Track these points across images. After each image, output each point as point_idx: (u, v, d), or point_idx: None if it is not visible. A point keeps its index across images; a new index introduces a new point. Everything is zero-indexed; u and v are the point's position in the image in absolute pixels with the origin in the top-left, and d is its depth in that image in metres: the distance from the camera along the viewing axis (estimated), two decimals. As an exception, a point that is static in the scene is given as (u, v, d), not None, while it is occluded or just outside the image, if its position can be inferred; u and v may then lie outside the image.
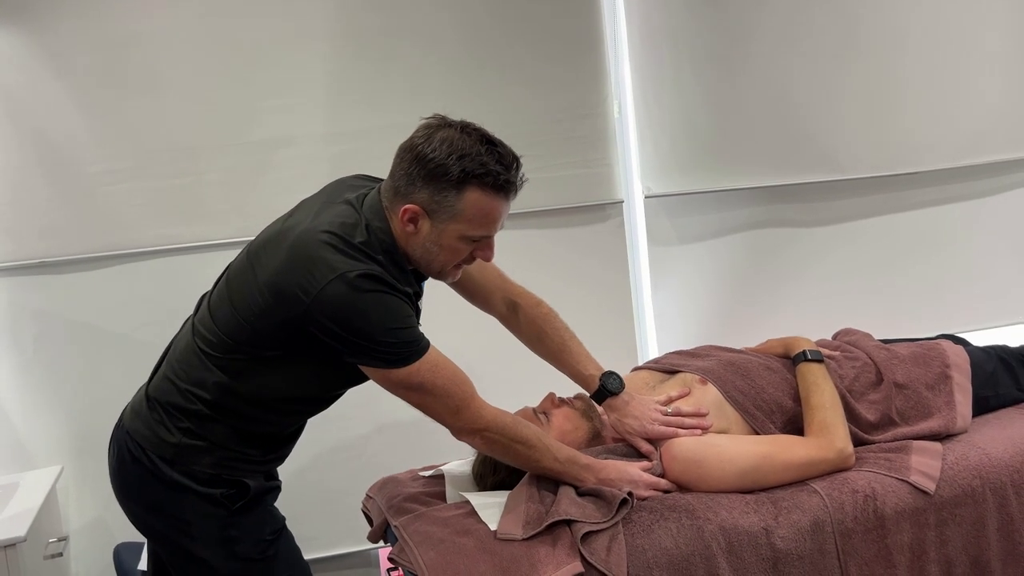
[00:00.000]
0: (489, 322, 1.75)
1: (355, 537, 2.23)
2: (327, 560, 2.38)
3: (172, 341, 1.57)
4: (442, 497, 1.69)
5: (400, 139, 1.46)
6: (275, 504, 1.59)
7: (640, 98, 2.54)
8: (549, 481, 1.55)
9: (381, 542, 1.77)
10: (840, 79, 2.60)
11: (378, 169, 1.57)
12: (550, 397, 1.73)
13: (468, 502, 1.58)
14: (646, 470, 1.56)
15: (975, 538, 1.57)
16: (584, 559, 1.38)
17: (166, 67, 2.19)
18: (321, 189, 1.55)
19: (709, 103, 2.56)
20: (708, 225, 2.62)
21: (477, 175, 1.35)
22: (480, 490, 1.66)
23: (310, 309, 1.33)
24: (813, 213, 2.67)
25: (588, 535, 1.41)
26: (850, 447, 1.60)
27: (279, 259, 1.37)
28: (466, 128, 1.39)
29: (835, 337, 2.03)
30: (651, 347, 2.63)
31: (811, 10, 2.57)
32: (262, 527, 1.51)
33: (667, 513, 1.48)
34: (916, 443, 1.66)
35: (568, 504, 1.46)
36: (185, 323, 1.57)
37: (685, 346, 2.08)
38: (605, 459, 1.57)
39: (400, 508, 1.64)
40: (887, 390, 1.74)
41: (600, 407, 1.69)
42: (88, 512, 2.25)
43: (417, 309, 1.47)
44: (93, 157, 2.18)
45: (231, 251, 2.27)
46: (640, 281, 2.62)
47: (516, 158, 1.41)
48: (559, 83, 2.43)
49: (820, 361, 1.72)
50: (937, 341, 1.90)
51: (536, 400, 1.74)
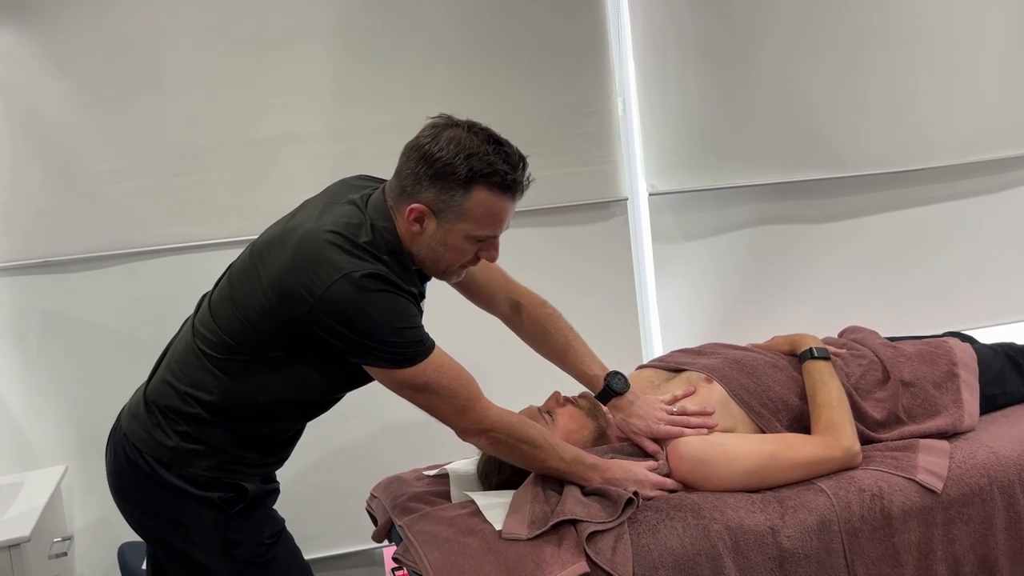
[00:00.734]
0: (491, 322, 1.75)
1: (359, 536, 2.23)
2: (331, 559, 2.38)
3: (170, 342, 1.56)
4: (447, 496, 1.68)
5: (404, 138, 1.46)
6: (275, 506, 1.58)
7: (644, 95, 2.53)
8: (554, 480, 1.54)
9: (386, 541, 1.76)
10: (845, 75, 2.59)
11: (381, 168, 1.56)
12: (555, 396, 1.72)
13: (473, 502, 1.57)
14: (652, 470, 1.56)
15: (983, 537, 1.57)
16: (590, 559, 1.38)
17: (170, 66, 2.19)
18: (324, 190, 1.54)
19: (713, 100, 2.55)
20: (713, 222, 2.61)
21: (484, 174, 1.35)
22: (485, 489, 1.65)
23: (315, 309, 1.32)
24: (818, 210, 2.66)
25: (593, 535, 1.41)
26: (857, 445, 1.60)
27: (284, 259, 1.36)
28: (473, 128, 1.39)
29: (841, 335, 2.02)
30: (656, 345, 2.63)
31: (815, 6, 2.56)
32: (261, 530, 1.50)
33: (673, 513, 1.47)
34: (923, 442, 1.65)
35: (573, 504, 1.46)
36: (184, 324, 1.56)
37: (690, 344, 2.07)
38: (611, 459, 1.57)
39: (405, 507, 1.63)
40: (894, 388, 1.73)
41: (605, 407, 1.68)
42: (92, 511, 2.25)
43: (420, 310, 1.46)
44: (97, 156, 2.18)
45: (235, 250, 2.26)
46: (645, 279, 2.61)
47: (523, 158, 1.41)
48: (563, 81, 2.43)
49: (827, 359, 1.72)
50: (944, 339, 1.89)
51: (540, 400, 1.73)
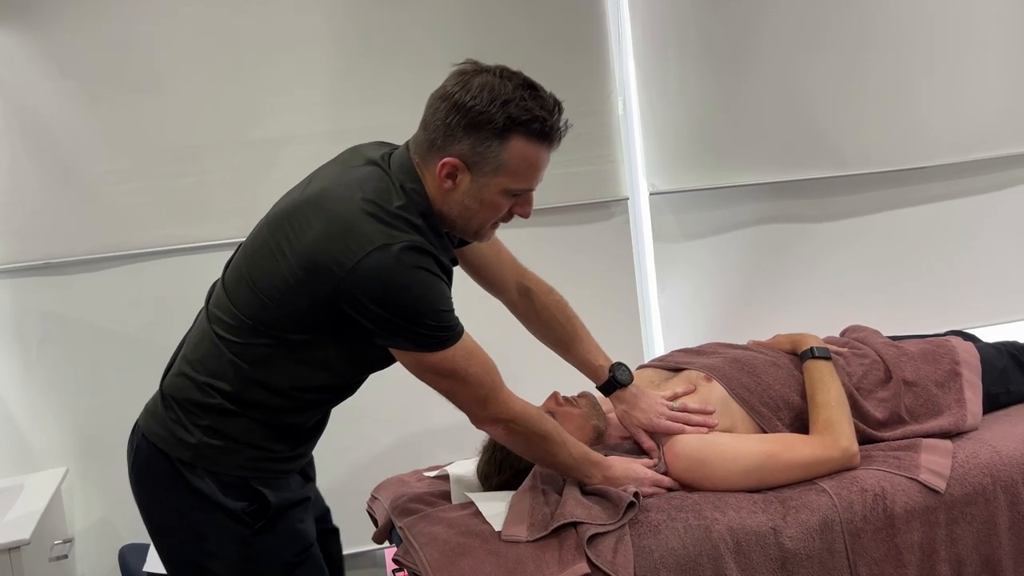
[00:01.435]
0: (491, 323, 1.73)
1: (360, 538, 2.22)
2: (333, 560, 2.37)
3: (185, 336, 1.49)
4: (447, 497, 1.68)
5: (405, 137, 1.42)
6: (307, 519, 1.46)
7: (644, 94, 2.53)
8: (553, 481, 1.54)
9: (386, 543, 1.76)
10: (845, 74, 2.59)
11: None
12: (554, 396, 1.72)
13: (473, 503, 1.57)
14: (649, 467, 1.56)
15: (986, 537, 1.56)
16: (590, 561, 1.37)
17: (169, 66, 2.19)
18: (335, 157, 1.45)
19: (714, 99, 2.54)
20: (713, 222, 2.61)
21: (522, 122, 1.26)
22: (485, 490, 1.65)
23: (344, 283, 1.23)
24: (820, 209, 2.66)
25: (594, 537, 1.40)
26: (855, 446, 1.59)
27: (313, 230, 1.27)
28: (504, 73, 1.29)
29: (843, 334, 2.01)
30: (657, 345, 2.62)
31: (816, 6, 2.55)
32: (286, 548, 1.39)
33: (674, 513, 1.46)
34: (926, 441, 1.65)
35: (574, 505, 1.45)
36: (199, 314, 1.48)
37: (691, 343, 2.07)
38: (609, 456, 1.56)
39: (405, 509, 1.63)
40: (896, 388, 1.73)
41: (608, 399, 1.67)
42: (93, 514, 2.25)
43: (451, 281, 1.37)
44: (97, 157, 2.18)
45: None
46: (646, 278, 2.61)
47: (558, 103, 1.32)
48: (563, 80, 2.38)
49: (827, 358, 1.71)
50: (947, 338, 1.89)
51: (538, 399, 1.72)
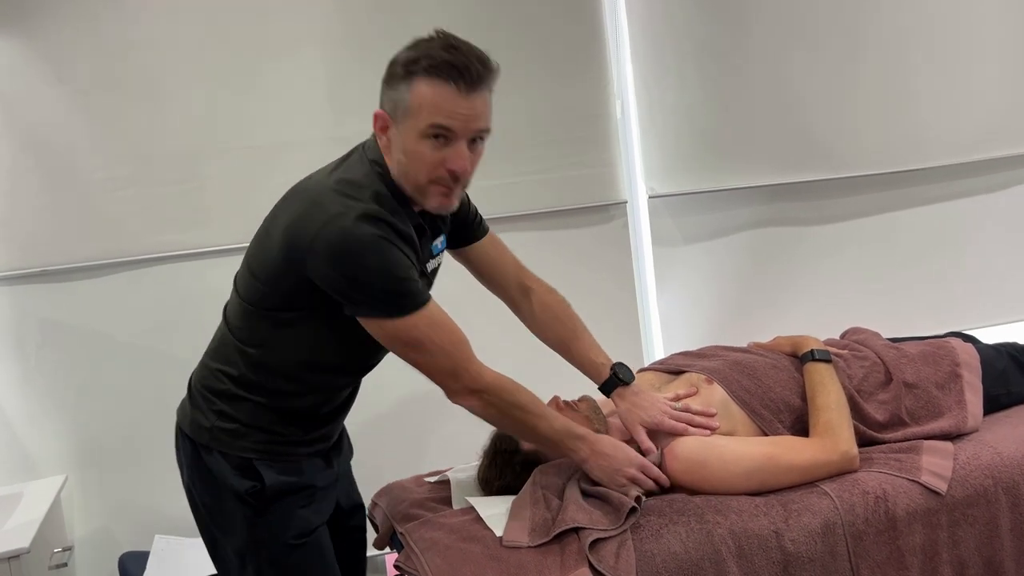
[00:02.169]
0: (490, 326, 1.73)
1: (361, 543, 2.22)
2: (333, 567, 2.37)
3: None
4: (448, 503, 1.68)
5: None
6: (314, 506, 1.49)
7: (643, 98, 2.53)
8: (554, 486, 1.53)
9: (387, 548, 1.76)
10: (843, 76, 2.60)
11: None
12: (554, 400, 1.71)
13: (474, 508, 1.57)
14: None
15: (988, 539, 1.56)
16: (592, 567, 1.37)
17: (167, 73, 2.19)
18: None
19: (712, 102, 2.55)
20: (712, 225, 2.61)
21: (420, 63, 1.31)
22: (486, 494, 1.65)
23: (310, 253, 1.30)
24: (818, 211, 2.66)
25: (596, 542, 1.40)
26: (854, 449, 1.59)
27: (290, 212, 1.36)
28: (436, 34, 1.36)
29: (843, 336, 2.01)
30: (657, 348, 2.62)
31: (814, 8, 2.56)
32: (285, 529, 1.44)
33: (676, 517, 1.46)
34: (927, 443, 1.64)
35: (575, 511, 1.45)
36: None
37: (691, 347, 2.06)
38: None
39: (406, 514, 1.63)
40: (896, 390, 1.73)
41: (610, 398, 1.66)
42: (93, 521, 2.25)
43: (421, 254, 1.42)
44: (94, 164, 2.18)
45: (234, 257, 2.26)
46: (645, 282, 2.61)
47: (480, 55, 1.34)
48: (561, 84, 2.43)
49: (828, 361, 1.71)
50: (947, 339, 1.89)
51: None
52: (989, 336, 2.06)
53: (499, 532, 1.46)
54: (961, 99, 2.68)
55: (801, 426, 1.66)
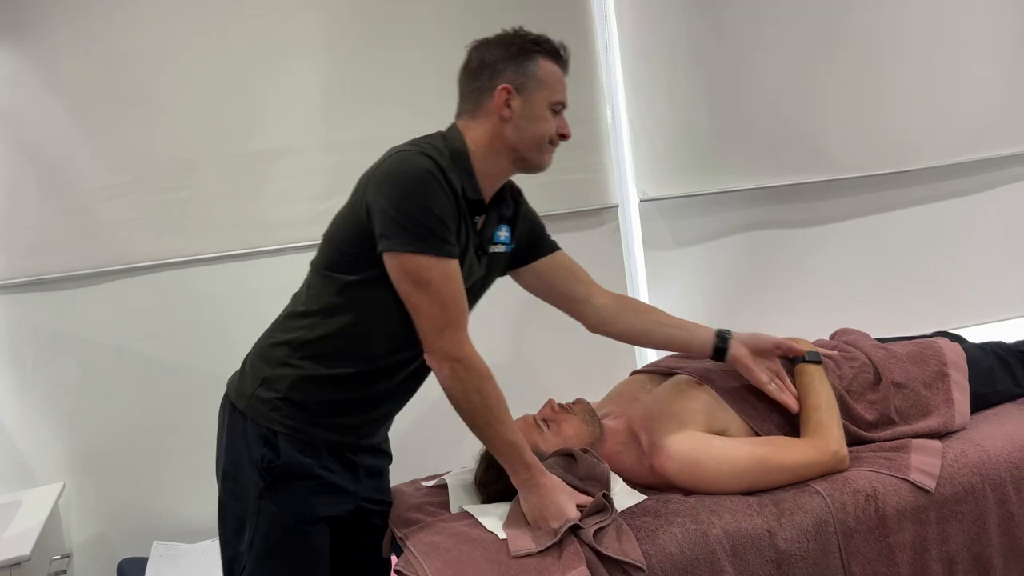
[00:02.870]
0: (488, 329, 1.75)
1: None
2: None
3: None
4: (446, 507, 1.68)
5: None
6: (324, 496, 1.51)
7: (633, 102, 2.55)
8: None
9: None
10: (831, 79, 2.62)
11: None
12: (550, 404, 1.73)
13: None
14: (580, 505, 1.50)
15: (976, 534, 1.58)
16: (593, 561, 1.39)
17: (161, 81, 2.20)
18: None
19: (702, 106, 2.57)
20: (703, 228, 2.63)
21: (542, 45, 1.52)
22: (483, 497, 1.66)
23: (372, 178, 1.43)
24: (808, 213, 2.69)
25: (597, 532, 1.43)
26: (844, 450, 1.61)
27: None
28: (504, 29, 1.55)
29: (833, 337, 2.03)
30: (649, 350, 2.64)
31: (802, 12, 2.58)
32: (288, 510, 1.47)
33: (671, 518, 1.48)
34: (915, 442, 1.67)
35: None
36: None
37: (684, 349, 2.08)
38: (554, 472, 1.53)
39: (405, 519, 1.64)
40: (886, 390, 1.75)
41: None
42: (91, 528, 2.25)
43: (488, 232, 1.55)
44: (90, 172, 2.18)
45: (230, 264, 2.30)
46: (637, 285, 2.63)
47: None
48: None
49: (818, 362, 1.73)
50: (934, 339, 1.91)
51: (532, 409, 1.74)
52: (975, 335, 2.09)
53: (501, 535, 1.47)
54: (948, 101, 2.71)
55: (792, 427, 1.69)
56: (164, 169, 2.22)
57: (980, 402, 1.82)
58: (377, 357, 1.49)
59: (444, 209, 1.41)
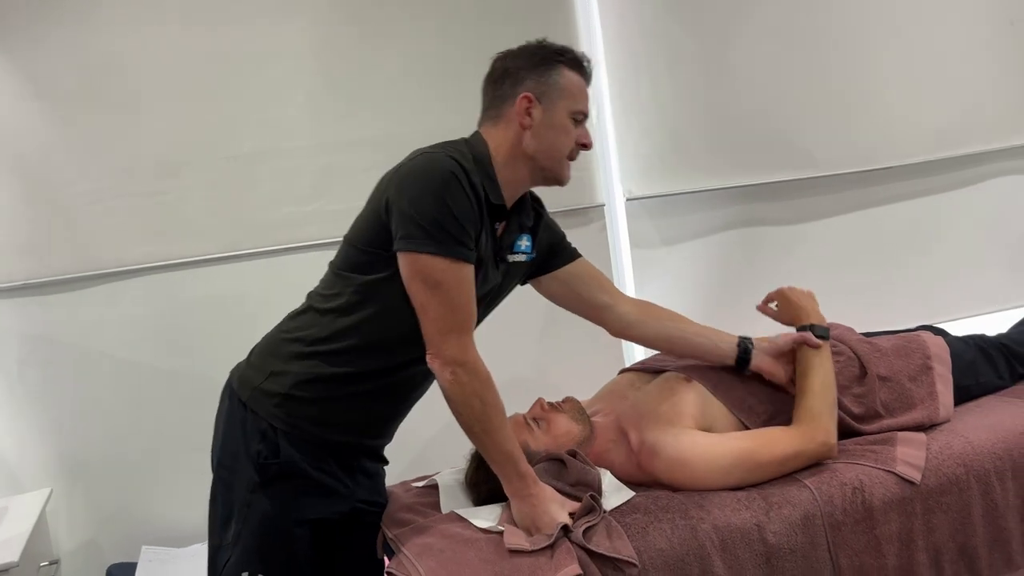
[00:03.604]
0: (478, 330, 1.75)
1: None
2: (322, 572, 2.37)
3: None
4: (437, 507, 1.69)
5: (385, 151, 1.51)
6: (314, 496, 1.51)
7: (618, 101, 2.56)
8: None
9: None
10: (815, 78, 2.64)
11: (362, 182, 1.56)
12: (539, 403, 1.73)
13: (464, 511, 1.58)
14: (573, 512, 1.51)
15: (961, 525, 1.60)
16: (591, 554, 1.39)
17: (147, 84, 2.19)
18: None
19: (686, 104, 2.59)
20: (690, 226, 2.64)
21: (562, 54, 1.52)
22: (474, 498, 1.66)
23: (395, 176, 1.43)
24: (793, 210, 2.71)
25: (586, 531, 1.43)
26: (833, 438, 1.62)
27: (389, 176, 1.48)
28: (528, 41, 1.55)
29: (818, 332, 2.05)
30: (637, 349, 2.64)
31: (784, 9, 2.60)
32: (282, 510, 1.47)
33: (660, 515, 1.49)
34: (901, 434, 1.69)
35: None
36: None
37: (671, 347, 2.08)
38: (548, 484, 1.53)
39: (396, 519, 1.63)
40: (871, 383, 1.77)
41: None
42: (79, 534, 2.24)
43: (507, 239, 1.55)
44: (74, 176, 2.17)
45: (217, 267, 2.29)
46: (624, 284, 2.64)
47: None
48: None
49: (825, 338, 1.73)
50: (917, 333, 1.93)
51: (523, 407, 1.74)
52: (958, 329, 2.11)
53: (496, 530, 1.48)
54: (930, 97, 2.74)
55: (782, 419, 1.69)
56: (147, 173, 2.21)
57: (963, 394, 1.84)
58: (390, 356, 1.49)
59: (465, 212, 1.41)
